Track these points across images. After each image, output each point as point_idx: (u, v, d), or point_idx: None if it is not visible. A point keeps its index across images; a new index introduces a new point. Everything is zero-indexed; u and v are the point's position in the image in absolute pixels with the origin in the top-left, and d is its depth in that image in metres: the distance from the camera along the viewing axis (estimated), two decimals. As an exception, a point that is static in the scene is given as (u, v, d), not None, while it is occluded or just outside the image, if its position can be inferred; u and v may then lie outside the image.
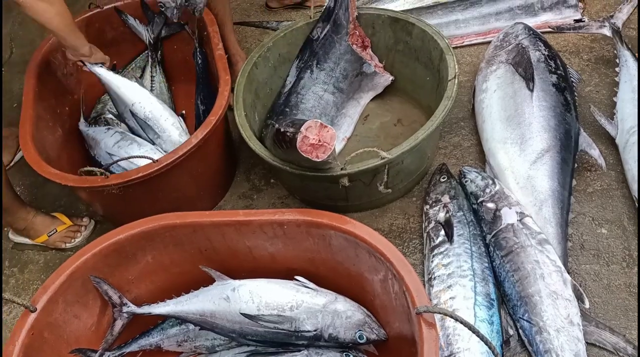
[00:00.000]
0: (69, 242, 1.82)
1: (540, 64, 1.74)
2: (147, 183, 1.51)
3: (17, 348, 1.17)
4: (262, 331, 1.29)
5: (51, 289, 1.25)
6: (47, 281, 1.27)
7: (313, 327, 1.26)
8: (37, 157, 1.58)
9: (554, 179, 1.55)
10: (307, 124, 1.28)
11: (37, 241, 1.82)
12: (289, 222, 1.30)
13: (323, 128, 1.28)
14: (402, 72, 1.93)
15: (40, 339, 1.22)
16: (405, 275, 1.14)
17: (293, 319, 1.27)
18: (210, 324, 1.31)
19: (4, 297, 1.18)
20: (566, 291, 1.36)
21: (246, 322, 1.28)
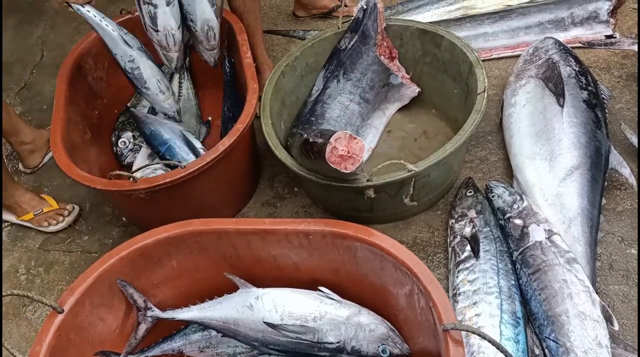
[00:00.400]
0: (53, 225, 1.90)
1: (571, 80, 1.72)
2: (173, 188, 1.53)
3: (44, 349, 1.18)
4: (284, 340, 1.28)
5: (78, 291, 1.26)
6: (75, 283, 1.28)
7: (336, 339, 1.25)
8: (67, 160, 1.60)
9: (583, 197, 1.53)
10: (336, 135, 1.27)
11: (22, 219, 1.91)
12: (315, 233, 1.29)
13: (352, 139, 1.28)
14: (429, 84, 1.92)
15: (66, 340, 1.23)
16: (432, 291, 1.13)
17: (316, 330, 1.27)
18: (233, 331, 1.31)
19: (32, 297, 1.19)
20: (595, 311, 1.33)
21: (269, 331, 1.28)
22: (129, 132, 1.99)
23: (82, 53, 1.96)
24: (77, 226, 1.93)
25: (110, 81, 2.08)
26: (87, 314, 1.28)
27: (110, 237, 1.87)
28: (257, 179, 1.93)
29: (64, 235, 1.91)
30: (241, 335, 1.31)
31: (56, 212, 1.92)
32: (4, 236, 1.95)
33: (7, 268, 1.85)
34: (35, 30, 2.85)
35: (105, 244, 1.85)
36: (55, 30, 2.82)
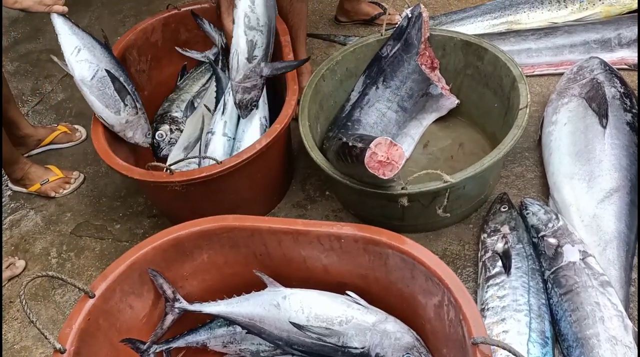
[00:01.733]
0: (58, 192, 2.04)
1: (615, 101, 1.69)
2: (208, 183, 1.54)
3: (74, 331, 1.21)
4: (309, 342, 1.28)
5: (110, 278, 1.28)
6: (107, 269, 1.30)
7: (360, 344, 1.25)
8: (107, 149, 1.64)
9: (621, 220, 1.50)
10: (377, 140, 1.27)
11: (31, 190, 2.04)
12: (347, 237, 1.29)
13: (392, 146, 1.28)
14: (469, 97, 1.91)
15: (95, 324, 1.26)
16: (464, 303, 1.12)
17: (341, 334, 1.27)
18: (259, 329, 1.32)
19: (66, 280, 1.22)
20: (627, 337, 1.30)
21: (294, 331, 1.28)
22: (166, 125, 2.01)
23: (127, 45, 2.00)
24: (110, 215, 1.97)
25: (152, 74, 2.12)
26: (117, 300, 1.30)
27: (141, 227, 1.90)
28: (290, 180, 1.94)
29: (97, 222, 1.95)
30: (266, 333, 1.32)
31: (63, 180, 2.05)
32: (38, 219, 2.00)
33: (39, 251, 1.90)
34: (81, 21, 2.92)
35: (136, 233, 1.88)
36: (101, 22, 2.89)
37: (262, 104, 1.79)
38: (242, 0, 1.59)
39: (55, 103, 2.47)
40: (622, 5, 2.16)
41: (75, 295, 1.76)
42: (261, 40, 1.63)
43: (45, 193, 2.03)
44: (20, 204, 2.06)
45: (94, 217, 1.96)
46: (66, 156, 2.20)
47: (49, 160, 2.15)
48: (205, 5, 2.10)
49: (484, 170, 1.46)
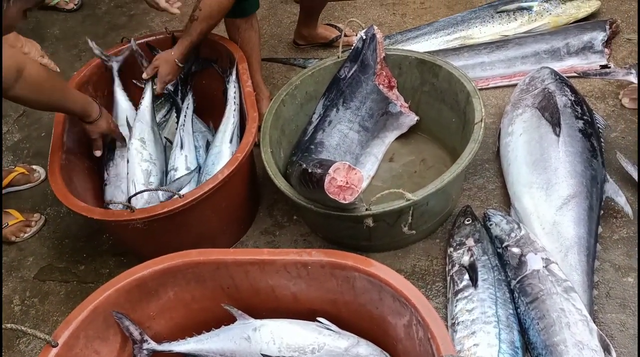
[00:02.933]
0: (19, 237, 1.99)
1: (567, 109, 1.74)
2: (172, 218, 1.53)
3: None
4: None
5: (73, 324, 1.25)
6: (70, 316, 1.27)
7: None
8: (65, 190, 1.60)
9: (580, 226, 1.53)
10: (335, 165, 1.28)
11: None
12: (313, 263, 1.29)
13: (351, 170, 1.29)
14: (428, 113, 1.94)
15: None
16: (431, 322, 1.13)
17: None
18: None
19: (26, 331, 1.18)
20: (592, 341, 1.33)
21: None
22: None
23: (82, 80, 1.97)
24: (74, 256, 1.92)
25: (109, 109, 2.09)
26: (81, 347, 1.27)
27: (107, 266, 1.86)
28: (256, 207, 1.93)
29: (61, 264, 1.90)
30: None
31: (23, 223, 2.00)
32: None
33: None
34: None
35: (101, 273, 1.84)
36: (56, 57, 2.85)
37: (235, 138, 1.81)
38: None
39: (11, 144, 2.42)
40: (569, 15, 2.24)
41: (41, 343, 1.71)
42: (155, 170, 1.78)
43: (6, 238, 1.97)
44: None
45: (58, 260, 1.92)
46: (25, 198, 2.14)
47: (8, 204, 2.09)
48: (160, 36, 2.09)
49: (445, 186, 1.49)
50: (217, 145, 1.81)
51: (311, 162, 1.43)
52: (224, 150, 1.78)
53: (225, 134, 1.81)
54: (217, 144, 1.81)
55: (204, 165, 1.81)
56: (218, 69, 2.05)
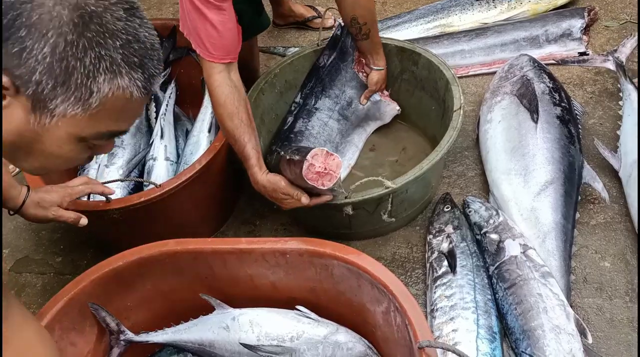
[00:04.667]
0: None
1: (545, 96, 1.75)
2: (149, 208, 1.51)
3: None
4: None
5: (48, 316, 1.23)
6: (45, 307, 1.25)
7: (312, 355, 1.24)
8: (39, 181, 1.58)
9: (557, 212, 1.55)
10: (313, 151, 1.27)
11: None
12: (292, 251, 1.29)
13: (329, 156, 1.28)
14: (408, 101, 1.94)
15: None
16: (408, 308, 1.13)
17: (293, 350, 1.26)
18: (209, 353, 1.30)
19: None
20: (569, 325, 1.34)
21: (245, 352, 1.27)
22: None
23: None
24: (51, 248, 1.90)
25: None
26: (57, 338, 1.24)
27: (84, 258, 1.83)
28: (236, 197, 1.92)
29: (38, 256, 1.88)
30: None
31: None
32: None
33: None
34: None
35: (79, 265, 1.81)
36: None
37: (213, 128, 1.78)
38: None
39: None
40: (548, 2, 2.24)
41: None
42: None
43: None
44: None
45: (34, 252, 1.89)
46: (2, 190, 2.10)
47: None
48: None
49: (424, 173, 1.49)
50: (195, 134, 1.79)
51: (289, 149, 1.41)
52: (202, 139, 1.77)
53: (204, 124, 1.79)
54: (195, 134, 1.79)
55: (182, 155, 1.79)
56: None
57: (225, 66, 1.42)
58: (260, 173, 1.42)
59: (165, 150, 1.77)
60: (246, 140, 1.42)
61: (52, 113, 0.73)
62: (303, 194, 1.38)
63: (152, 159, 1.76)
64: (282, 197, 1.40)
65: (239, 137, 1.42)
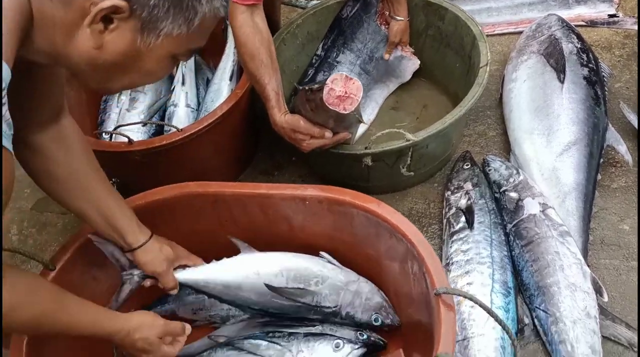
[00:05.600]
0: None
1: (572, 57, 1.71)
2: (169, 151, 1.52)
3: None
4: (286, 304, 1.27)
5: (70, 250, 1.25)
6: (67, 242, 1.28)
7: (333, 304, 1.26)
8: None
9: (579, 172, 1.53)
10: (332, 76, 1.24)
11: None
12: (311, 198, 1.29)
13: (349, 80, 1.24)
14: (432, 58, 1.91)
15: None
16: (426, 257, 1.14)
17: (316, 294, 1.27)
18: (232, 295, 1.28)
19: (24, 253, 1.19)
20: (585, 283, 1.35)
21: (269, 294, 1.26)
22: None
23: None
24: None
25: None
26: (79, 273, 1.27)
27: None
28: (255, 147, 1.92)
29: (59, 197, 1.90)
30: (241, 299, 1.28)
31: None
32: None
33: (-3, 229, 1.85)
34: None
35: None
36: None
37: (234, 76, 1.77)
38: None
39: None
40: (579, -38, 2.17)
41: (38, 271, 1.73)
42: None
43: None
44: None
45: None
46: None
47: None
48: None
49: (446, 128, 1.48)
50: (216, 82, 1.78)
51: (307, 84, 1.39)
52: (223, 87, 1.76)
53: (225, 71, 1.78)
54: (216, 82, 1.78)
55: (202, 102, 1.79)
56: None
57: (248, 8, 1.40)
58: (279, 114, 1.40)
59: (186, 97, 1.77)
60: (266, 81, 1.41)
61: (159, 33, 0.77)
62: (325, 129, 1.35)
63: (173, 106, 1.76)
64: (301, 137, 1.38)
65: (260, 78, 1.41)
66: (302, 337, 1.26)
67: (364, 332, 1.31)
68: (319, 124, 1.37)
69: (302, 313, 1.29)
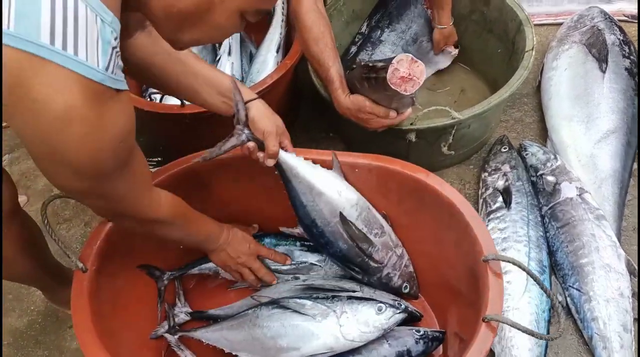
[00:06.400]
0: None
1: (615, 48, 1.75)
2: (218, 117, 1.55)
3: (94, 252, 1.23)
4: (341, 240, 1.30)
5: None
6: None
7: (380, 261, 1.31)
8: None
9: (616, 160, 1.57)
10: (398, 57, 1.26)
11: None
12: (362, 166, 1.34)
13: (414, 62, 1.26)
14: (473, 44, 1.94)
15: (113, 248, 1.27)
16: (475, 225, 1.18)
17: (372, 245, 1.30)
18: (310, 200, 1.28)
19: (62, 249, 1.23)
20: (620, 265, 1.39)
21: (336, 223, 1.28)
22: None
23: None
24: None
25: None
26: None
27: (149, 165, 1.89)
28: (294, 121, 1.96)
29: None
30: (314, 209, 1.28)
31: None
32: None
33: (41, 187, 1.90)
34: None
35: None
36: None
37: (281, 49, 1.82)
38: None
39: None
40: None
41: (80, 230, 1.78)
42: None
43: None
44: (19, 142, 2.04)
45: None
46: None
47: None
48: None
49: (491, 108, 1.51)
50: (262, 54, 1.82)
51: (368, 59, 1.42)
52: (269, 59, 1.80)
53: (272, 43, 1.82)
54: (263, 53, 1.82)
55: (248, 73, 1.83)
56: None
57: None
58: (343, 96, 1.44)
59: (231, 67, 1.81)
60: (330, 64, 1.45)
61: None
62: (389, 109, 1.38)
63: (218, 74, 1.80)
64: (367, 117, 1.41)
65: (324, 61, 1.45)
66: (345, 299, 1.30)
67: (401, 301, 1.35)
68: (372, 100, 1.40)
69: (352, 257, 1.31)
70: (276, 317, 1.30)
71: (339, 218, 1.28)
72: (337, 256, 1.34)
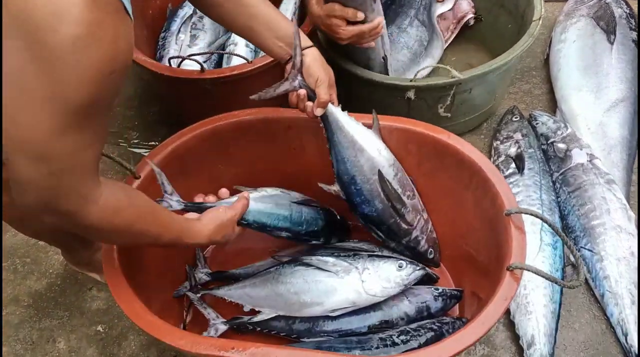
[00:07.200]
0: None
1: (622, 21, 1.79)
2: (237, 82, 1.57)
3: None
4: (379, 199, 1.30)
5: (154, 162, 1.31)
6: (150, 154, 1.34)
7: (411, 222, 1.33)
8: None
9: (625, 127, 1.62)
10: None
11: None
12: (383, 128, 1.36)
13: None
14: (485, 19, 1.97)
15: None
16: (496, 181, 1.21)
17: (404, 205, 1.32)
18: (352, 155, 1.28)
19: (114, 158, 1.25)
20: (630, 226, 1.44)
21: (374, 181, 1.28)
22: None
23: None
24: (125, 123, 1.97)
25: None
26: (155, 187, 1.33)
27: (159, 135, 1.90)
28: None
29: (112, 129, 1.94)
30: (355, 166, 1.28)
31: None
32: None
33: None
34: None
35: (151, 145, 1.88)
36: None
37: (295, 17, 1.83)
38: None
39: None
40: None
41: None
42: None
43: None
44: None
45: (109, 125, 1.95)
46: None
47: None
48: None
49: (492, 70, 1.53)
50: (278, 23, 1.83)
51: None
52: (285, 29, 1.81)
53: (287, 13, 1.83)
54: (278, 23, 1.83)
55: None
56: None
57: None
58: (316, 5, 1.44)
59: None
60: None
61: None
62: (357, 10, 1.37)
63: (232, 44, 1.82)
64: (337, 22, 1.40)
65: None
66: (366, 257, 1.34)
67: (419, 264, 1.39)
68: (341, 4, 1.38)
69: (384, 218, 1.31)
70: (299, 274, 1.33)
71: (377, 176, 1.29)
72: (371, 216, 1.33)
